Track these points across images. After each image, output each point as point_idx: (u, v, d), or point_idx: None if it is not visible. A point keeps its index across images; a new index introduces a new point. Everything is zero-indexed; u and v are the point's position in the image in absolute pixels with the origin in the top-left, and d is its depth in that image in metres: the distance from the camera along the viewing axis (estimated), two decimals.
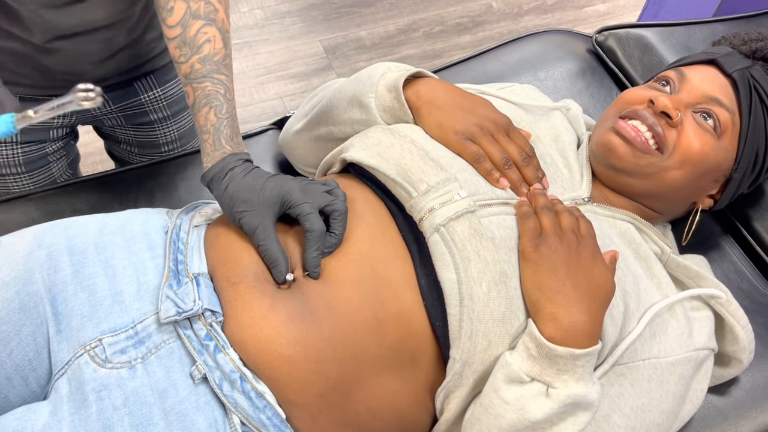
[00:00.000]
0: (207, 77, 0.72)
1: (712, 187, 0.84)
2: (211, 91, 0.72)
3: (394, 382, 0.68)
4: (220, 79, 0.73)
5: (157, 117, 1.04)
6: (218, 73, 0.73)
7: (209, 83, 0.72)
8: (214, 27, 0.74)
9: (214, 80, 0.72)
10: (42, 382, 0.67)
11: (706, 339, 0.76)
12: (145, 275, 0.70)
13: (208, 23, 0.74)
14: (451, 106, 0.78)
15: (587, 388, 0.64)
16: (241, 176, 0.70)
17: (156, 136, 1.07)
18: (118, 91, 0.97)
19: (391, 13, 2.26)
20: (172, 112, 1.05)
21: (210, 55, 0.73)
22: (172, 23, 0.74)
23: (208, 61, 0.73)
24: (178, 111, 1.06)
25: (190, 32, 0.73)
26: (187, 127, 1.09)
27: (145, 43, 0.93)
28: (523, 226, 0.70)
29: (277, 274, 0.67)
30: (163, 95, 1.02)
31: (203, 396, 0.64)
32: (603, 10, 2.36)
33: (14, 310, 0.66)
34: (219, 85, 0.73)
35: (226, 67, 0.74)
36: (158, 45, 0.96)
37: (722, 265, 0.94)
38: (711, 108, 0.79)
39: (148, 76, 0.99)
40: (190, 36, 0.73)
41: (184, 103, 1.06)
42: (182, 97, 1.04)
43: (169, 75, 1.01)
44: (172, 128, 1.07)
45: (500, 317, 0.66)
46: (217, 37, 0.74)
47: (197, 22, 0.73)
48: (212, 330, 0.65)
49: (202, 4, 0.74)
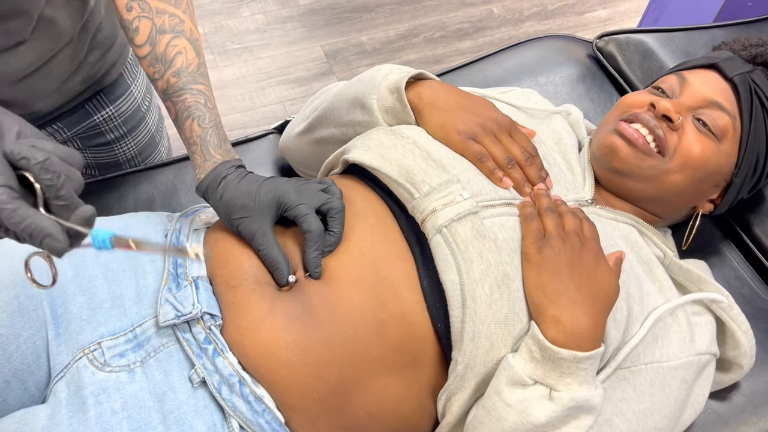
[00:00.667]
0: (185, 89, 0.72)
1: (713, 191, 0.84)
2: (191, 102, 0.72)
3: (394, 385, 0.68)
4: (198, 89, 0.72)
5: (114, 136, 1.02)
6: (195, 83, 0.72)
7: (188, 95, 0.72)
8: (183, 38, 0.73)
9: (192, 91, 0.72)
10: (40, 386, 0.67)
11: (707, 344, 0.76)
12: (144, 279, 0.70)
13: (176, 35, 0.73)
14: (453, 107, 0.78)
15: (590, 392, 0.63)
16: (236, 183, 0.70)
17: (115, 155, 1.05)
18: (70, 117, 0.96)
19: (392, 18, 2.26)
20: (128, 129, 1.03)
21: (183, 67, 0.72)
22: (140, 42, 0.73)
23: (183, 73, 0.72)
24: (133, 127, 1.03)
25: (160, 48, 0.72)
26: (145, 140, 1.07)
27: (90, 65, 0.91)
28: (526, 227, 0.69)
29: (279, 276, 0.67)
30: (117, 113, 1.00)
31: (202, 400, 0.64)
32: (604, 16, 2.37)
33: (13, 314, 0.66)
34: (198, 95, 0.72)
35: (202, 75, 0.73)
36: (104, 63, 0.93)
37: (723, 270, 0.94)
38: (712, 112, 0.79)
39: (98, 95, 0.97)
40: (160, 52, 0.72)
41: (138, 117, 1.04)
42: (136, 111, 1.02)
43: (119, 90, 0.99)
44: (131, 144, 1.05)
45: (503, 319, 0.65)
46: (187, 47, 0.73)
47: (165, 36, 0.73)
48: (211, 333, 0.65)
49: (166, 17, 0.73)
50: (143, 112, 1.04)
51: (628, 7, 2.41)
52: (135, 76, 1.01)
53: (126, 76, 0.99)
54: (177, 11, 0.74)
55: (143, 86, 1.03)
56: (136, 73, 1.01)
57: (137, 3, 0.73)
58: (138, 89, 1.02)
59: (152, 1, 0.73)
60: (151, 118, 1.07)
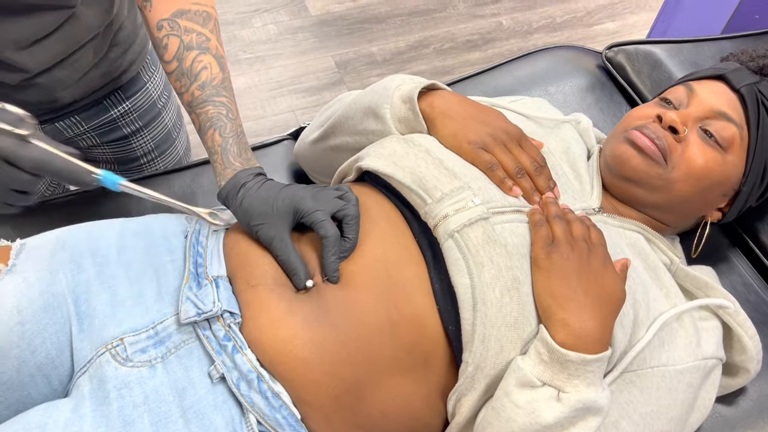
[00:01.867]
0: (208, 102, 0.75)
1: (721, 200, 0.85)
2: (213, 113, 0.74)
3: (406, 385, 0.69)
4: (220, 101, 0.75)
5: (131, 130, 1.05)
6: (218, 95, 0.75)
7: (211, 107, 0.75)
8: (209, 54, 0.76)
9: (215, 103, 0.75)
10: (63, 380, 0.69)
11: (714, 348, 0.77)
12: (166, 277, 0.72)
13: (202, 52, 0.76)
14: (464, 117, 0.80)
15: (597, 393, 0.64)
16: (255, 190, 0.72)
17: (132, 149, 1.08)
18: (88, 111, 0.99)
19: (402, 29, 2.29)
20: (144, 123, 1.06)
21: (208, 81, 0.75)
22: (168, 58, 0.76)
23: (207, 86, 0.75)
24: (150, 121, 1.07)
25: (186, 63, 0.75)
26: (161, 135, 1.10)
27: (109, 61, 0.94)
28: (535, 233, 0.71)
29: (297, 281, 0.69)
30: (133, 107, 1.03)
31: (221, 395, 0.66)
32: (612, 29, 2.39)
33: (38, 310, 0.68)
34: (220, 107, 0.75)
35: (226, 89, 0.76)
36: (123, 61, 0.97)
37: (730, 277, 0.95)
38: (719, 122, 0.81)
39: (116, 91, 1.00)
40: (186, 67, 0.75)
41: (154, 112, 1.07)
42: (152, 106, 1.06)
43: (136, 87, 1.03)
44: (147, 138, 1.09)
45: (513, 322, 0.67)
46: (212, 63, 0.76)
47: (191, 52, 0.76)
48: (230, 331, 0.67)
49: (194, 35, 0.76)
50: (159, 108, 1.08)
51: (636, 20, 2.43)
52: (152, 74, 1.05)
53: (143, 74, 1.03)
54: (204, 30, 0.77)
55: (160, 84, 1.07)
56: (153, 72, 1.05)
57: (167, 22, 0.76)
58: (154, 86, 1.06)
59: (181, 21, 0.76)
60: (167, 115, 1.10)
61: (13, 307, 0.67)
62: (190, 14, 0.77)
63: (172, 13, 0.76)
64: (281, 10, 2.29)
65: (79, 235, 0.75)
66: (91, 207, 0.97)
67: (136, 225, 0.78)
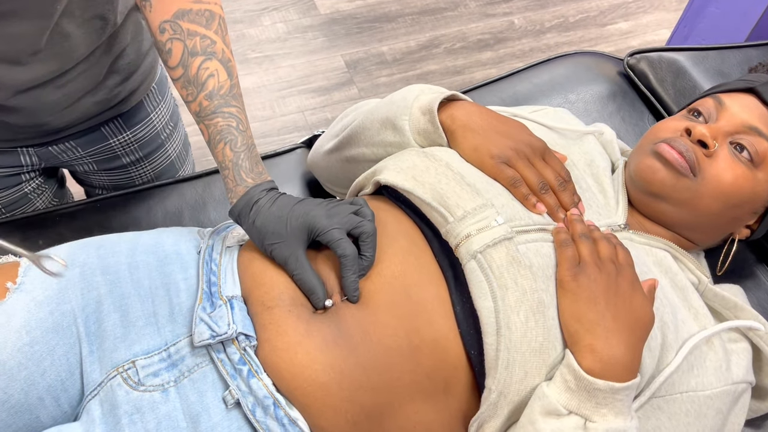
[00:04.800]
0: (217, 113, 0.72)
1: (750, 218, 0.82)
2: (223, 126, 0.72)
3: (427, 411, 0.67)
4: (230, 112, 0.72)
5: (130, 160, 1.02)
6: (227, 106, 0.72)
7: (220, 118, 0.72)
8: (215, 60, 0.73)
9: (224, 114, 0.72)
10: (73, 403, 0.67)
11: (744, 372, 0.74)
12: (178, 297, 0.70)
13: (208, 58, 0.73)
14: (486, 130, 0.77)
15: (626, 423, 0.62)
16: (267, 207, 0.70)
17: (131, 178, 1.05)
18: (85, 137, 0.95)
19: (412, 29, 2.26)
20: (145, 154, 1.02)
21: (216, 89, 0.72)
22: (172, 65, 0.74)
23: (215, 96, 0.72)
24: (150, 152, 1.03)
25: (192, 71, 0.72)
26: (163, 166, 1.06)
27: (107, 89, 0.91)
28: (561, 254, 0.69)
29: (316, 301, 0.67)
30: (134, 138, 0.99)
31: (236, 421, 0.64)
32: (625, 29, 2.36)
33: (48, 330, 0.66)
34: (230, 118, 0.72)
35: (234, 97, 0.73)
36: (123, 90, 0.93)
37: (757, 294, 0.93)
38: (750, 137, 0.78)
39: (115, 119, 0.96)
40: (192, 75, 0.72)
41: (157, 143, 1.03)
42: (154, 137, 1.01)
43: (138, 117, 0.98)
44: (147, 169, 1.05)
45: (538, 347, 0.64)
46: (219, 69, 0.73)
47: (196, 59, 0.73)
48: (246, 354, 0.65)
49: (197, 39, 0.73)
50: (162, 139, 1.03)
51: (650, 19, 2.39)
52: (157, 104, 1.00)
53: (147, 104, 0.99)
54: (208, 32, 0.74)
55: (165, 115, 1.02)
56: (158, 102, 1.00)
57: (169, 25, 0.73)
58: (159, 117, 1.01)
59: (184, 23, 0.73)
60: (171, 146, 1.06)
61: (22, 327, 0.65)
62: (192, 14, 0.74)
63: (173, 14, 0.73)
64: (290, 9, 2.27)
65: (89, 251, 0.73)
66: (100, 218, 0.95)
67: (147, 240, 0.76)
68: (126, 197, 0.98)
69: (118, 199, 0.98)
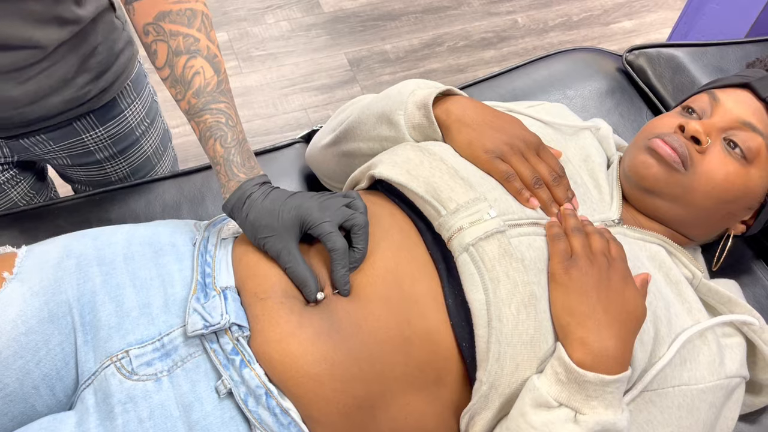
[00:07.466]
0: (205, 110, 0.73)
1: (745, 213, 0.82)
2: (212, 122, 0.72)
3: (418, 402, 0.67)
4: (218, 108, 0.73)
5: (104, 156, 1.01)
6: (215, 102, 0.73)
7: (208, 115, 0.72)
8: (200, 57, 0.73)
9: (212, 111, 0.73)
10: (68, 392, 0.67)
11: (737, 366, 0.74)
12: (173, 287, 0.70)
13: (192, 56, 0.73)
14: (480, 125, 0.78)
15: (616, 416, 0.62)
16: (260, 201, 0.70)
17: (106, 174, 1.04)
18: (56, 132, 0.95)
19: (415, 27, 2.27)
20: (119, 150, 1.01)
21: (202, 87, 0.73)
22: (159, 65, 0.74)
23: (202, 93, 0.73)
24: (125, 148, 1.02)
25: (178, 70, 0.73)
26: (138, 162, 1.05)
27: (77, 86, 0.89)
28: (553, 247, 0.69)
29: (308, 293, 0.67)
30: (107, 134, 0.99)
31: (228, 411, 0.64)
32: (629, 27, 2.35)
33: (43, 320, 0.67)
34: (219, 114, 0.73)
35: (222, 93, 0.74)
36: (94, 87, 0.92)
37: (754, 290, 0.92)
38: (744, 133, 0.78)
39: (87, 116, 0.96)
40: (178, 74, 0.73)
41: (131, 139, 1.01)
42: (128, 134, 1.01)
43: (110, 114, 0.97)
44: (122, 165, 1.04)
45: (529, 340, 0.65)
46: (205, 66, 0.73)
47: (181, 58, 0.73)
48: (239, 344, 0.65)
49: (180, 38, 0.73)
50: (137, 135, 1.03)
51: (654, 18, 2.39)
52: (131, 101, 0.99)
53: (120, 101, 0.98)
54: (191, 31, 0.74)
55: (140, 112, 1.02)
56: (132, 98, 1.00)
57: (152, 27, 0.74)
58: (133, 114, 1.00)
59: (165, 24, 0.73)
60: (147, 142, 1.05)
61: (18, 316, 0.66)
62: (173, 15, 0.74)
63: (154, 17, 0.74)
64: (294, 7, 2.27)
65: (85, 242, 0.74)
66: (99, 211, 0.96)
67: (143, 231, 0.77)
68: (125, 191, 0.99)
69: (117, 193, 0.98)
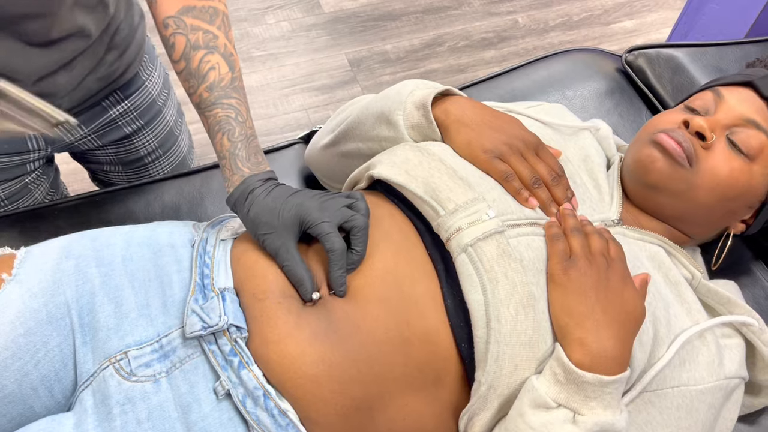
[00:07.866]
0: (216, 104, 0.73)
1: (746, 212, 0.82)
2: (222, 116, 0.73)
3: (417, 403, 0.67)
4: (229, 104, 0.73)
5: (132, 129, 1.04)
6: (227, 97, 0.73)
7: (219, 109, 0.73)
8: (217, 54, 0.74)
9: (223, 105, 0.73)
10: (67, 393, 0.67)
11: (737, 367, 0.74)
12: (171, 288, 0.70)
13: (210, 51, 0.74)
14: (479, 125, 0.77)
15: (615, 416, 0.62)
16: (262, 198, 0.70)
17: (136, 148, 1.07)
18: (87, 113, 0.97)
19: (416, 27, 2.27)
20: (146, 122, 1.04)
21: (216, 82, 0.73)
22: (176, 58, 0.75)
23: (215, 88, 0.73)
24: (150, 119, 1.05)
25: (194, 64, 0.74)
26: (164, 133, 1.09)
27: (107, 64, 0.92)
28: (552, 247, 0.69)
29: (304, 293, 0.67)
30: (132, 106, 1.01)
31: (226, 412, 0.64)
32: (630, 27, 2.35)
33: (42, 321, 0.67)
34: (229, 109, 0.73)
35: (235, 90, 0.74)
36: (121, 64, 0.95)
37: (753, 290, 0.92)
38: (747, 130, 0.78)
39: (114, 93, 0.99)
40: (194, 67, 0.74)
41: (155, 110, 1.05)
42: (151, 104, 1.04)
43: (135, 86, 1.01)
44: (150, 137, 1.07)
45: (527, 341, 0.65)
46: (221, 63, 0.74)
47: (198, 52, 0.74)
48: (237, 346, 0.65)
49: (200, 33, 0.74)
50: (159, 105, 1.06)
51: (654, 18, 2.38)
52: (150, 72, 1.03)
53: (141, 73, 1.01)
54: (211, 27, 0.75)
55: (159, 82, 1.05)
56: (151, 70, 1.03)
57: (173, 20, 0.74)
58: (153, 84, 1.04)
59: (187, 18, 0.74)
60: (168, 112, 1.09)
61: (16, 318, 0.66)
62: (196, 11, 0.75)
63: (178, 10, 0.74)
64: (294, 7, 2.27)
65: (84, 243, 0.74)
66: (99, 212, 0.96)
67: (142, 232, 0.77)
68: (124, 192, 0.99)
69: (117, 194, 0.99)
